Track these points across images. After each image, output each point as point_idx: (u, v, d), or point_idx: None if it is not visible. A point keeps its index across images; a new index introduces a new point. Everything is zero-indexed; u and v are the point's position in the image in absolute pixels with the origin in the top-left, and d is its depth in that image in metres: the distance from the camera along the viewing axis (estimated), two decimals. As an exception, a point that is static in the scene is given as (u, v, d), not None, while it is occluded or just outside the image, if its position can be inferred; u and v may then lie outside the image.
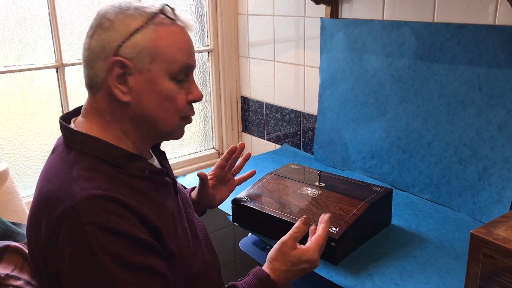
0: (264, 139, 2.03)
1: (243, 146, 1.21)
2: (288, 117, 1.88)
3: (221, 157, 1.20)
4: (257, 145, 2.08)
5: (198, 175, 1.11)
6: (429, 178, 1.39)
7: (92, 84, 0.85)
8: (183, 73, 0.86)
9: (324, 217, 1.01)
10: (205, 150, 2.17)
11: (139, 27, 0.82)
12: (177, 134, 0.92)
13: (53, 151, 0.89)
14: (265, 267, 0.97)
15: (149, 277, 0.78)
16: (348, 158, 1.63)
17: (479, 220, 1.27)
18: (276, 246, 0.97)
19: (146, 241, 0.78)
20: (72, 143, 0.84)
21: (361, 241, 1.17)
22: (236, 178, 1.25)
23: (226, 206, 1.36)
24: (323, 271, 1.07)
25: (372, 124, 1.53)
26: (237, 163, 1.24)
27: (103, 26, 0.83)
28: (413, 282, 1.02)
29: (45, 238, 0.78)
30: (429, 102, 1.36)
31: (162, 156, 1.01)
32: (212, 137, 2.18)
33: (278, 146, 1.96)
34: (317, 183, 1.28)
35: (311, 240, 0.98)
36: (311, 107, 1.77)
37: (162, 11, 0.85)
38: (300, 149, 1.86)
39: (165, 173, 0.94)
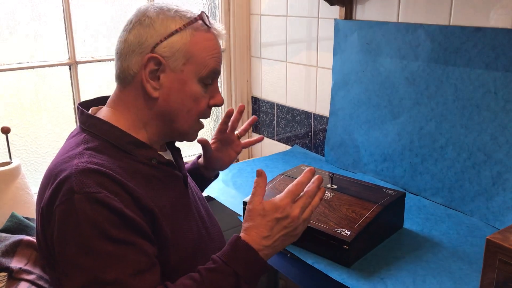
0: (274, 139, 2.02)
1: (242, 108, 1.18)
2: (299, 118, 1.87)
3: (220, 121, 1.20)
4: (268, 146, 2.07)
5: (198, 141, 1.11)
6: (442, 182, 1.38)
7: (123, 76, 0.90)
8: (211, 78, 0.92)
9: (316, 178, 0.93)
10: (214, 149, 2.17)
11: (178, 29, 0.87)
12: (191, 136, 0.97)
13: (69, 136, 0.95)
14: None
15: (130, 253, 0.78)
16: (360, 160, 1.62)
17: (493, 226, 1.26)
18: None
19: (132, 219, 0.79)
20: (85, 125, 0.90)
21: (373, 244, 1.17)
22: (243, 141, 1.23)
23: (237, 207, 1.36)
24: (335, 274, 1.06)
25: (385, 127, 1.52)
26: (243, 126, 1.23)
27: (143, 23, 0.88)
28: (426, 287, 1.02)
29: (45, 205, 0.81)
30: (443, 106, 1.35)
31: (177, 152, 1.04)
32: (222, 137, 2.18)
33: (288, 147, 1.96)
34: (329, 185, 1.28)
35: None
36: (322, 108, 1.76)
37: (200, 17, 0.90)
38: (311, 151, 1.85)
39: (174, 166, 0.97)
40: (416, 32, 1.38)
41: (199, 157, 1.24)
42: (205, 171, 1.21)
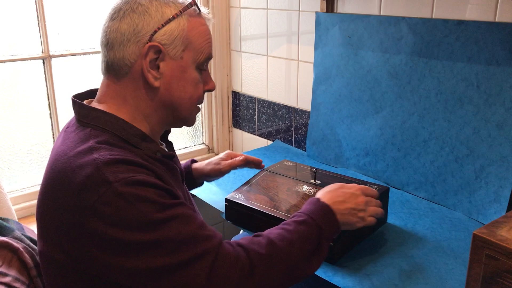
0: (255, 134, 2.00)
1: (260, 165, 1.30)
2: (280, 112, 1.85)
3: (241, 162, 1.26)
4: (248, 141, 2.05)
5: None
6: (425, 176, 1.38)
7: (117, 68, 0.86)
8: (206, 63, 0.92)
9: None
10: (194, 145, 2.13)
11: (174, 16, 0.85)
12: (192, 121, 0.96)
13: (64, 131, 0.89)
14: None
15: (187, 211, 0.79)
16: (342, 155, 1.61)
17: (475, 219, 1.26)
18: None
19: (173, 191, 0.80)
20: (88, 119, 0.85)
21: (358, 240, 1.15)
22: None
23: (218, 204, 1.33)
24: (320, 271, 1.04)
25: (367, 121, 1.51)
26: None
27: (136, 11, 0.84)
28: (412, 283, 1.01)
29: (68, 209, 0.75)
30: (425, 99, 1.34)
31: (169, 146, 1.03)
32: (202, 133, 2.14)
33: (269, 142, 1.93)
34: (312, 181, 1.26)
35: None
36: (304, 103, 1.74)
37: (194, 3, 0.89)
38: (293, 145, 1.83)
39: (175, 160, 0.96)
40: (398, 25, 1.37)
41: (193, 161, 1.25)
42: (199, 177, 1.23)
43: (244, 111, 2.03)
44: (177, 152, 2.03)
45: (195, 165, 1.26)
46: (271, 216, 1.13)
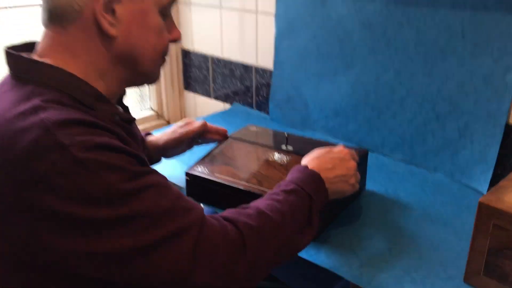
0: (210, 97, 1.82)
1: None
2: (238, 72, 1.67)
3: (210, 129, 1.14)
4: (203, 105, 1.87)
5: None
6: (402, 137, 1.27)
7: (61, 14, 0.69)
8: (169, 7, 0.77)
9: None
10: (141, 110, 1.93)
11: None
12: (156, 76, 0.82)
13: None
14: None
15: (161, 184, 0.67)
16: (309, 117, 1.47)
17: (459, 181, 1.17)
18: None
19: (141, 157, 0.67)
20: (28, 74, 0.68)
21: (337, 211, 1.03)
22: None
23: (177, 179, 1.16)
24: (302, 252, 0.91)
25: (337, 79, 1.37)
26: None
27: None
28: (404, 257, 0.90)
29: (10, 184, 0.60)
30: (403, 52, 1.21)
31: (126, 111, 0.86)
32: (149, 97, 1.94)
33: (227, 106, 1.76)
34: (284, 147, 1.11)
35: None
36: (265, 60, 1.57)
37: None
38: (254, 109, 1.67)
39: (134, 125, 0.85)
40: (372, -32, 1.22)
41: (147, 134, 1.10)
42: (155, 152, 1.08)
43: (197, 72, 1.84)
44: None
45: (149, 138, 1.09)
46: (240, 191, 0.98)
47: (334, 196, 0.89)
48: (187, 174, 1.06)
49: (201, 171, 1.05)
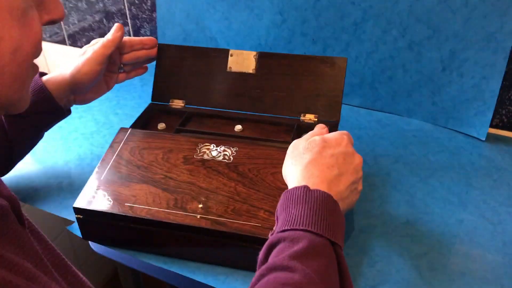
0: (66, 45, 1.29)
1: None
2: (102, 5, 1.16)
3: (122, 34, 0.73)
4: (56, 55, 1.33)
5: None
6: (359, 75, 0.95)
7: None
8: None
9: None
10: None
11: None
12: (25, 101, 0.44)
13: None
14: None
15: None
16: (221, 59, 1.07)
17: (444, 126, 0.91)
18: None
19: None
20: None
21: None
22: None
23: (67, 213, 0.71)
24: None
25: (256, 4, 0.97)
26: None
27: None
28: (412, 230, 0.62)
29: None
30: (354, -43, 0.85)
31: None
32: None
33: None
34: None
35: None
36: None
37: None
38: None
39: None
40: None
41: (42, 74, 0.72)
42: (62, 95, 0.72)
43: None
44: None
45: (46, 78, 0.72)
46: (178, 227, 0.59)
47: (344, 213, 0.57)
48: (76, 210, 0.63)
49: (102, 202, 0.62)
